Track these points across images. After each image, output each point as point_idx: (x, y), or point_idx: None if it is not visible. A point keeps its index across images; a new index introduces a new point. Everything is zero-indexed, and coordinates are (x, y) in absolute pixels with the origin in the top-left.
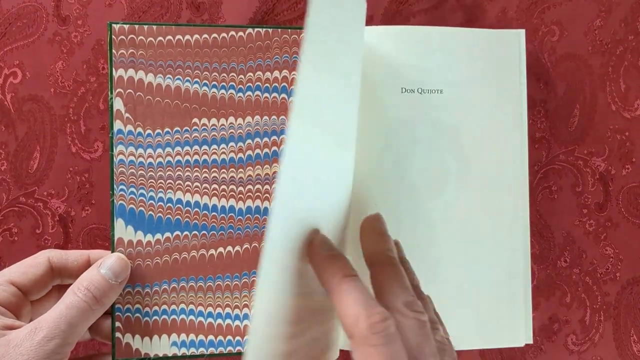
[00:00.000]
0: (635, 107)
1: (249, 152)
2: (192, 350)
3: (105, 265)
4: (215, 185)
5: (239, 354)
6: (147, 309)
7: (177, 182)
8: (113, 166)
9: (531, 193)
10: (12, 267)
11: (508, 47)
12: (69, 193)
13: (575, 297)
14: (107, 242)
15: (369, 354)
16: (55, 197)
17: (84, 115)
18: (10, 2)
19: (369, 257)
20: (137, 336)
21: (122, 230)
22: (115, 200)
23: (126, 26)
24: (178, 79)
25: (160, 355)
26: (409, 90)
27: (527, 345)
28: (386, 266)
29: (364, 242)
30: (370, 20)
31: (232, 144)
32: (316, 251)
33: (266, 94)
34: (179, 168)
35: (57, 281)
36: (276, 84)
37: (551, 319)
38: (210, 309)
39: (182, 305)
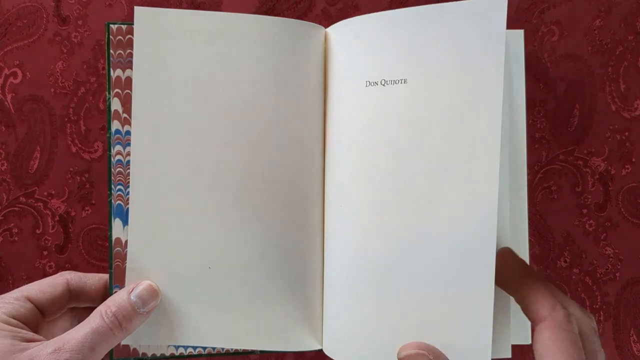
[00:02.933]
0: (635, 107)
1: None
2: (190, 350)
3: (136, 293)
4: None
5: (238, 353)
6: None
7: None
8: (111, 166)
9: (531, 193)
10: (31, 284)
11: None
12: (69, 193)
13: (575, 297)
14: (107, 242)
15: (562, 336)
16: (55, 197)
17: (84, 115)
18: (10, 2)
19: (520, 277)
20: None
21: (120, 230)
22: (112, 201)
23: (124, 26)
24: None
25: (158, 355)
26: (372, 83)
27: (527, 345)
28: (545, 282)
29: (509, 268)
30: None
31: None
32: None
33: None
34: None
35: (73, 303)
36: None
37: None
38: None
39: None
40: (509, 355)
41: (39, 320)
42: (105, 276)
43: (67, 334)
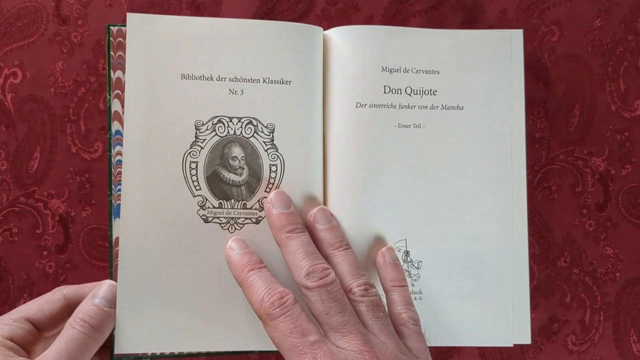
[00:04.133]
0: (635, 107)
1: None
2: (189, 350)
3: (98, 294)
4: None
5: (236, 352)
6: None
7: None
8: (111, 166)
9: (531, 193)
10: (29, 303)
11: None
12: (69, 193)
13: (575, 297)
14: (107, 242)
15: (274, 327)
16: (55, 197)
17: (84, 115)
18: (10, 2)
19: (275, 239)
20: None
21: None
22: (113, 200)
23: (124, 28)
24: None
25: (158, 354)
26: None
27: (527, 345)
28: (287, 242)
29: (268, 222)
30: (370, 21)
31: None
32: (229, 251)
33: None
34: None
35: None
36: None
37: (551, 319)
38: None
39: None
40: (529, 341)
41: (36, 339)
42: (101, 283)
43: (45, 352)
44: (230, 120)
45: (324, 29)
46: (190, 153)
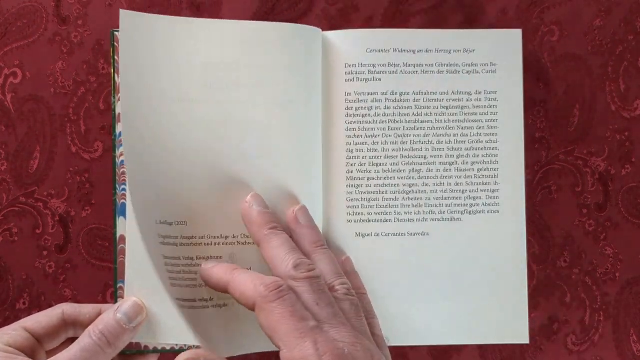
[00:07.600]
0: (635, 107)
1: None
2: (190, 346)
3: (122, 309)
4: None
5: None
6: None
7: None
8: (115, 167)
9: (531, 193)
10: (29, 317)
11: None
12: (69, 193)
13: (575, 297)
14: (107, 242)
15: (271, 310)
16: (55, 197)
17: (84, 115)
18: (10, 2)
19: (253, 236)
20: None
21: (124, 228)
22: (117, 200)
23: None
24: None
25: (159, 348)
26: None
27: (526, 345)
28: (270, 237)
29: (245, 223)
30: (370, 21)
31: None
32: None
33: None
34: None
35: (70, 333)
36: None
37: (551, 319)
38: None
39: None
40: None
41: (36, 347)
42: (100, 306)
43: (59, 354)
44: None
45: (324, 29)
46: None
